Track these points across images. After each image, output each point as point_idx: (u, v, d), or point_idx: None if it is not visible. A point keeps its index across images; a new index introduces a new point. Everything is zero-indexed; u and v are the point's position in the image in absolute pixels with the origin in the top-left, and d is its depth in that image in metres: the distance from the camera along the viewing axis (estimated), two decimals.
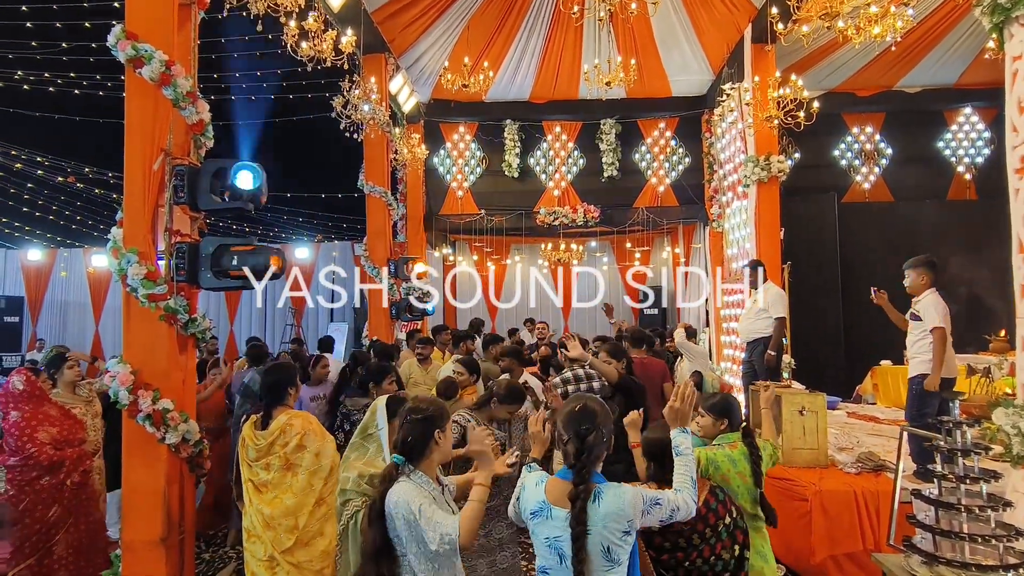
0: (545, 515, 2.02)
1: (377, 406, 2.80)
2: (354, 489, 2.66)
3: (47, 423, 3.69)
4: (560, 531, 1.97)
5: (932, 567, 2.48)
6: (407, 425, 2.23)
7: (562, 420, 2.11)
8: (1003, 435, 3.05)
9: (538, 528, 2.05)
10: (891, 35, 5.19)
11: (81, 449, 3.83)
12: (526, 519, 2.11)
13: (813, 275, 9.03)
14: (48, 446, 3.62)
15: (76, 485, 3.77)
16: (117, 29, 3.51)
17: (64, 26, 7.80)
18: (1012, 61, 3.22)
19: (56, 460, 3.64)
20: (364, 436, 2.78)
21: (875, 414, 7.10)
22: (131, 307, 3.49)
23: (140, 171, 3.49)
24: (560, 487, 2.04)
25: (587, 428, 2.04)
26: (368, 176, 8.15)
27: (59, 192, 11.95)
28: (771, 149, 7.71)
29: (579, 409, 2.10)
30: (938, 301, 4.28)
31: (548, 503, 2.04)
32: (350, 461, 2.74)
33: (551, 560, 2.00)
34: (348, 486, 2.69)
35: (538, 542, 2.05)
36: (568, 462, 2.06)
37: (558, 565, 1.98)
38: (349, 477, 2.69)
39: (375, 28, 8.06)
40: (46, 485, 3.62)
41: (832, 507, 4.04)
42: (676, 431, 2.35)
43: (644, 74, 9.46)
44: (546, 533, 2.02)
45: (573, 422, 2.07)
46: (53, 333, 14.97)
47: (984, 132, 10.45)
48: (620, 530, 1.97)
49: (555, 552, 1.98)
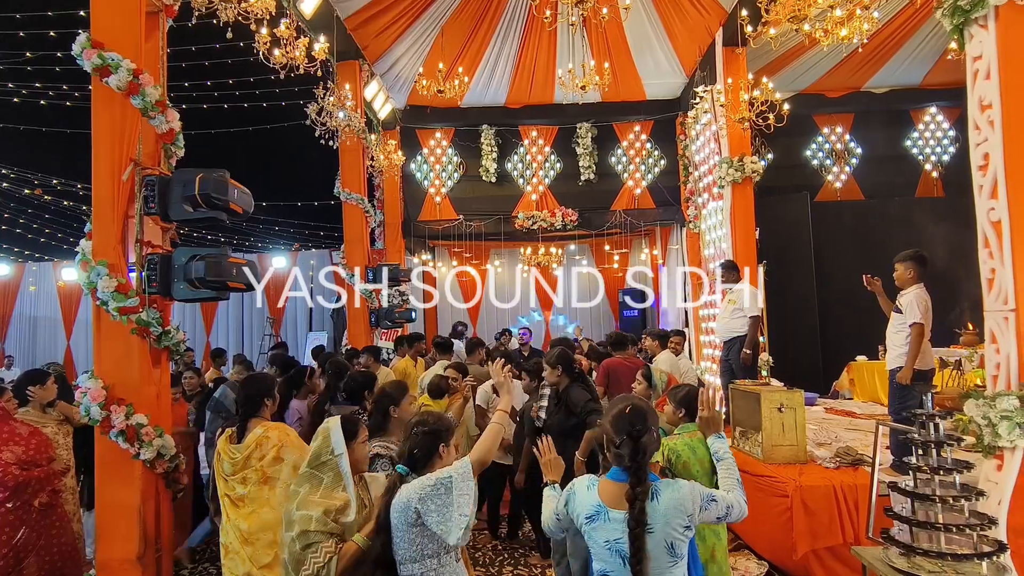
0: (603, 518, 2.00)
1: (330, 430, 2.41)
2: (320, 530, 2.25)
3: (12, 443, 3.57)
4: (620, 533, 1.96)
5: (910, 558, 2.52)
6: (415, 437, 2.29)
7: (612, 422, 2.09)
8: (975, 426, 3.12)
9: (595, 532, 2.02)
10: (858, 37, 5.30)
11: (49, 468, 3.70)
12: (580, 524, 2.08)
13: (788, 273, 9.18)
14: (13, 466, 3.49)
15: (45, 506, 3.64)
16: (82, 38, 3.45)
17: (28, 35, 7.63)
18: (972, 61, 3.31)
19: (22, 481, 3.53)
20: (316, 465, 2.37)
21: (852, 409, 7.22)
22: (102, 321, 3.42)
23: (109, 182, 3.42)
24: (614, 489, 2.03)
25: (640, 429, 2.03)
26: (344, 183, 8.10)
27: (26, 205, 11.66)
28: (744, 150, 7.83)
29: (630, 411, 2.08)
30: (921, 296, 4.36)
31: (605, 506, 2.02)
32: (304, 496, 2.32)
33: (613, 563, 1.98)
34: (312, 527, 2.25)
35: (596, 546, 2.03)
36: (622, 464, 2.03)
37: (621, 567, 1.96)
38: (311, 516, 2.25)
39: (348, 35, 8.02)
40: (12, 508, 3.50)
41: (812, 502, 4.09)
42: (712, 438, 2.49)
43: (618, 78, 9.56)
44: (605, 536, 1.99)
45: (625, 423, 2.04)
46: (23, 349, 14.58)
47: (949, 131, 10.74)
48: (682, 525, 1.99)
49: (616, 554, 1.97)
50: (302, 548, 2.24)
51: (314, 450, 2.40)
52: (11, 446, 3.54)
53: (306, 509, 2.29)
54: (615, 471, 2.06)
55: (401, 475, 2.22)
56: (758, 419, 4.62)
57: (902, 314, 4.43)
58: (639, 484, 1.95)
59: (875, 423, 3.24)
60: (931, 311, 4.38)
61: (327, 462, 2.37)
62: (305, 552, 2.23)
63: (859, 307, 8.89)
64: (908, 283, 4.47)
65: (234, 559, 2.76)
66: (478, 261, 13.03)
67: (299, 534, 2.25)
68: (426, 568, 2.11)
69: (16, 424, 3.68)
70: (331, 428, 2.41)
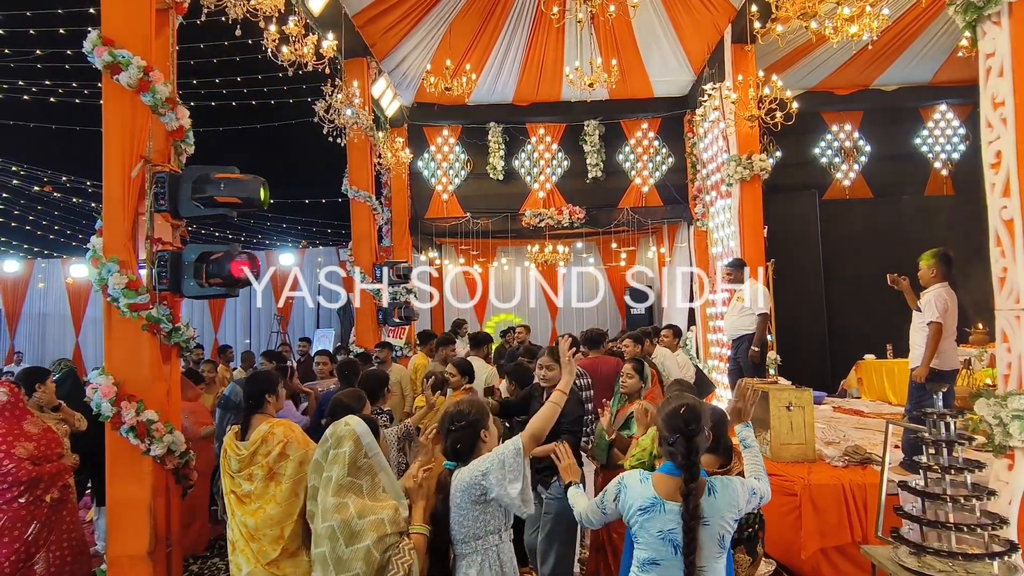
0: (658, 510, 2.10)
1: (359, 434, 2.29)
2: (394, 531, 2.17)
3: (24, 438, 3.59)
4: (674, 524, 2.07)
5: (920, 557, 2.51)
6: (454, 434, 2.36)
7: (666, 420, 2.17)
8: (985, 425, 3.10)
9: (649, 523, 2.11)
10: (868, 34, 5.27)
11: (60, 464, 3.73)
12: (630, 516, 2.16)
13: (796, 272, 9.14)
14: (26, 462, 3.52)
15: (56, 501, 3.67)
16: (93, 35, 3.46)
17: (38, 33, 7.67)
18: (985, 58, 3.28)
19: (34, 476, 3.55)
20: (354, 472, 2.26)
21: (860, 408, 7.19)
22: (112, 317, 3.43)
23: (119, 179, 3.44)
24: (669, 483, 2.12)
25: (694, 428, 2.11)
26: (352, 181, 8.11)
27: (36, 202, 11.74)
28: (753, 148, 7.79)
29: (684, 410, 2.15)
30: (941, 295, 4.32)
31: (660, 498, 2.11)
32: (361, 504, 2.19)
33: (664, 551, 2.09)
34: (388, 529, 2.15)
35: (648, 536, 2.11)
36: (676, 461, 2.12)
37: (672, 556, 2.07)
38: (383, 519, 2.16)
39: (356, 32, 8.02)
40: (24, 503, 3.53)
41: (821, 501, 4.08)
42: (740, 426, 2.57)
43: (626, 75, 9.53)
44: (659, 527, 2.09)
45: (680, 422, 2.12)
46: (32, 346, 14.71)
47: (959, 128, 10.65)
48: (732, 519, 2.14)
49: (669, 543, 2.08)
50: (382, 553, 2.14)
51: (348, 458, 2.26)
52: (23, 442, 3.56)
53: (373, 514, 2.18)
54: (668, 466, 2.16)
55: (449, 471, 2.32)
56: (766, 418, 4.61)
57: (923, 313, 4.40)
58: (692, 480, 2.06)
59: (885, 422, 3.22)
60: (954, 310, 4.33)
61: (363, 466, 2.29)
62: (386, 556, 2.15)
63: (868, 305, 8.89)
64: (931, 281, 4.44)
65: (241, 555, 2.77)
66: (485, 259, 13.03)
67: (376, 541, 2.13)
68: (488, 544, 2.23)
69: (28, 420, 3.71)
70: (360, 432, 2.31)
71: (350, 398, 3.08)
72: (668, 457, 2.16)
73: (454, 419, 2.38)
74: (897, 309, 5.11)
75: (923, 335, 4.36)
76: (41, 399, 4.03)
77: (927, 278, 4.46)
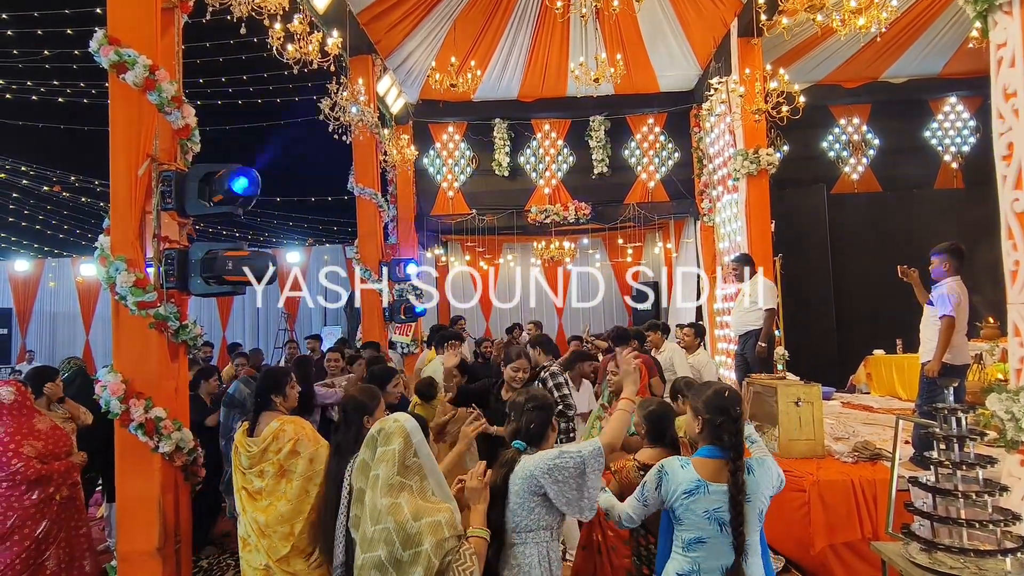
0: (703, 491, 2.22)
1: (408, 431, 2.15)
2: (452, 534, 2.05)
3: (32, 436, 3.61)
4: (719, 503, 2.20)
5: (931, 554, 2.49)
6: (529, 413, 2.43)
7: (708, 403, 2.30)
8: (997, 421, 3.07)
9: (695, 504, 2.22)
10: (876, 26, 5.22)
11: (68, 462, 3.75)
12: (674, 500, 2.26)
13: (804, 266, 9.07)
14: (35, 460, 3.54)
15: (65, 499, 3.70)
16: (99, 34, 3.47)
17: (46, 33, 7.71)
18: (996, 49, 3.24)
19: (43, 474, 3.58)
20: (403, 470, 2.12)
21: (869, 403, 7.14)
22: (120, 315, 3.45)
23: (126, 177, 3.45)
24: (710, 465, 2.26)
25: (738, 411, 2.27)
26: (358, 178, 8.12)
27: (45, 201, 11.83)
28: (759, 142, 7.74)
29: (728, 393, 2.32)
30: (954, 289, 4.28)
31: (704, 480, 2.24)
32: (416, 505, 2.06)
33: (711, 529, 2.21)
34: (446, 532, 2.03)
35: (694, 517, 2.23)
36: (720, 442, 2.25)
37: (718, 533, 2.21)
38: (439, 521, 2.03)
39: (361, 29, 8.02)
40: (35, 500, 3.56)
41: (830, 497, 4.05)
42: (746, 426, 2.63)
43: (632, 70, 9.48)
44: (705, 507, 2.22)
45: (725, 404, 2.27)
46: (43, 344, 14.82)
47: (970, 121, 10.54)
48: (769, 495, 2.29)
49: (715, 522, 2.21)
50: (441, 559, 2.01)
51: (397, 455, 2.13)
52: (31, 440, 3.59)
53: (428, 516, 2.05)
54: (706, 450, 2.30)
55: (519, 450, 2.37)
56: (774, 413, 4.58)
57: (935, 306, 4.37)
58: (739, 459, 2.21)
59: (895, 417, 3.20)
60: (966, 304, 4.29)
61: (411, 466, 2.17)
62: (446, 561, 2.02)
63: (876, 300, 8.82)
64: (943, 275, 4.40)
65: (252, 552, 2.79)
66: (491, 255, 13.02)
67: (435, 546, 1.99)
68: (539, 539, 2.25)
69: (36, 418, 3.74)
70: (410, 429, 2.18)
71: (364, 395, 2.94)
72: (712, 439, 2.28)
73: (531, 400, 2.46)
74: (906, 304, 5.07)
75: (934, 330, 4.32)
76: (50, 396, 4.07)
77: (939, 272, 4.42)
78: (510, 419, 2.51)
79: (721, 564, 2.21)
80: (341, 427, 2.82)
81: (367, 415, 2.81)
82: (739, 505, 2.18)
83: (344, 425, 2.80)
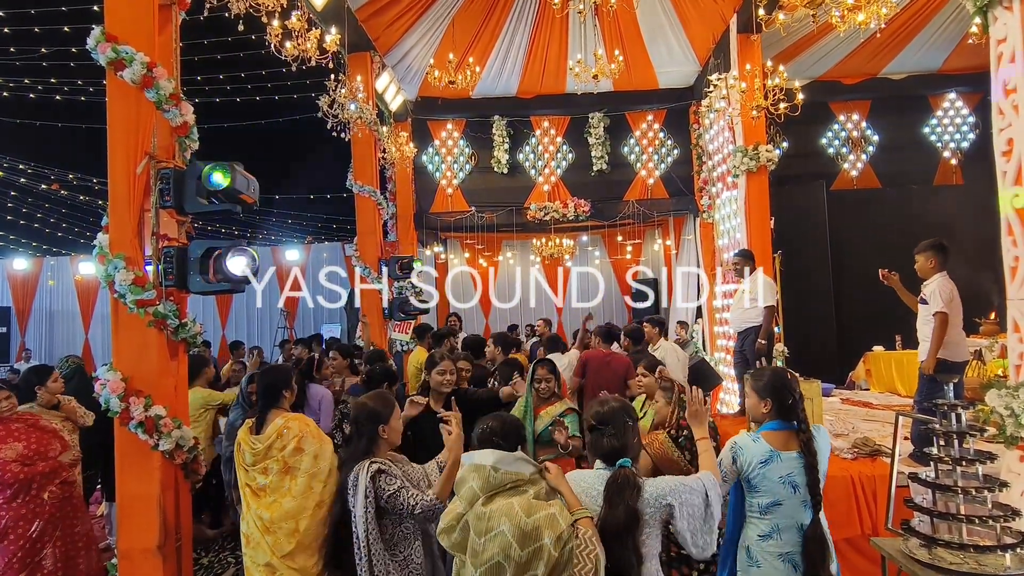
0: (775, 460, 2.51)
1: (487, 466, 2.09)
2: (567, 525, 2.00)
3: (11, 439, 3.59)
4: (792, 468, 2.49)
5: (930, 549, 2.49)
6: (630, 429, 2.26)
7: (777, 386, 2.60)
8: (997, 416, 3.07)
9: (770, 472, 2.50)
10: (875, 22, 5.21)
11: (55, 462, 3.70)
12: (752, 470, 2.52)
13: (804, 263, 9.07)
14: (13, 463, 3.52)
15: (56, 497, 3.67)
16: (97, 32, 3.46)
17: (42, 31, 7.69)
18: (996, 44, 3.23)
19: (23, 478, 3.55)
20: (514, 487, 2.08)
21: (869, 400, 7.15)
22: (120, 313, 3.44)
23: (124, 175, 3.43)
24: (777, 436, 2.56)
25: (798, 389, 2.61)
26: (357, 176, 8.10)
27: (43, 200, 11.82)
28: (759, 139, 7.73)
29: (790, 376, 2.66)
30: (944, 285, 4.28)
31: (775, 450, 2.53)
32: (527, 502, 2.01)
33: (785, 492, 2.49)
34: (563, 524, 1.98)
35: (769, 483, 2.49)
36: (796, 415, 2.56)
37: (792, 495, 2.48)
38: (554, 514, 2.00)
39: (359, 26, 7.99)
40: (22, 502, 3.54)
41: (830, 493, 4.03)
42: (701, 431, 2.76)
43: (631, 66, 9.46)
44: (779, 473, 2.50)
45: (792, 384, 2.60)
46: (42, 342, 14.82)
47: (969, 117, 10.54)
48: (826, 458, 2.63)
49: (789, 485, 2.49)
50: (561, 550, 1.95)
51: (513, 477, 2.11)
52: (11, 443, 3.56)
53: (542, 511, 1.99)
54: (773, 424, 2.59)
55: (630, 468, 2.20)
56: None
57: (928, 304, 4.36)
58: (808, 428, 2.54)
59: (895, 413, 3.20)
60: (958, 299, 4.29)
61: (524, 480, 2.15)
62: (567, 550, 1.96)
63: (876, 296, 8.75)
64: (930, 272, 4.39)
65: (256, 549, 2.79)
66: (490, 253, 13.01)
67: (555, 540, 1.93)
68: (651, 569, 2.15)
69: (15, 421, 3.69)
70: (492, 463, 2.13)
71: (378, 402, 2.77)
72: (780, 415, 2.57)
73: (624, 412, 2.29)
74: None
75: (931, 327, 4.32)
76: (43, 398, 4.02)
77: (926, 269, 4.42)
78: (603, 433, 2.28)
79: (798, 522, 2.47)
80: (353, 438, 2.71)
81: (381, 424, 2.69)
82: (813, 468, 2.45)
83: (356, 436, 2.69)
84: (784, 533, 2.48)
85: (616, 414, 2.27)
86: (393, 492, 2.56)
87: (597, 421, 2.28)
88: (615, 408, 2.30)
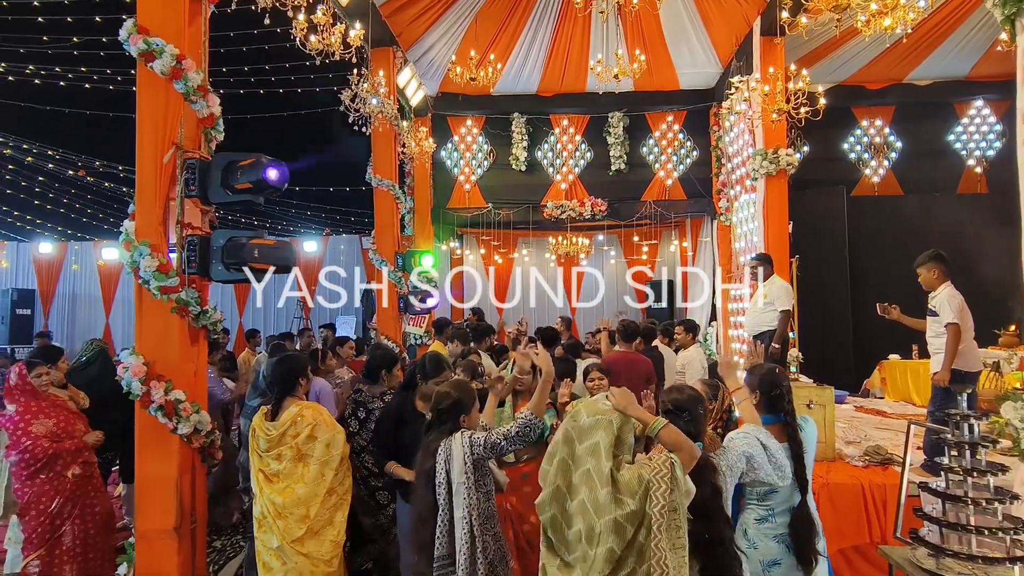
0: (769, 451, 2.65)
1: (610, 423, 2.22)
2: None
3: (41, 415, 3.70)
4: (783, 458, 2.63)
5: (939, 559, 2.49)
6: (697, 417, 2.48)
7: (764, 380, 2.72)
8: (1011, 429, 3.04)
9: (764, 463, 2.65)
10: (901, 27, 5.15)
11: (80, 441, 3.84)
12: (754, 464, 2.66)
13: (822, 269, 8.99)
14: (44, 439, 3.63)
15: (79, 477, 3.78)
16: (129, 23, 3.54)
17: (75, 21, 7.84)
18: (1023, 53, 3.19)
19: (52, 453, 3.66)
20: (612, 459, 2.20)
21: (883, 408, 7.08)
22: (143, 299, 3.53)
23: (152, 164, 3.52)
24: (771, 430, 2.68)
25: (787, 384, 2.74)
26: (376, 169, 8.17)
27: (70, 185, 12.04)
28: (779, 142, 7.67)
29: (778, 371, 2.79)
30: (953, 295, 4.23)
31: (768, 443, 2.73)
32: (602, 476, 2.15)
33: (778, 480, 2.61)
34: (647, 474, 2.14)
35: (767, 468, 2.59)
36: (783, 407, 2.69)
37: (784, 482, 2.62)
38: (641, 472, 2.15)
39: (383, 21, 8.06)
40: (46, 478, 3.65)
41: (840, 500, 4.04)
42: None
43: (652, 67, 9.43)
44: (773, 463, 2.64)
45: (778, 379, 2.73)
46: (63, 325, 15.10)
47: (996, 125, 10.35)
48: (813, 448, 2.83)
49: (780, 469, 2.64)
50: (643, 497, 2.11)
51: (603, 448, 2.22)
52: (41, 419, 3.68)
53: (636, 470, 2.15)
54: (767, 418, 2.71)
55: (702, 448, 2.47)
56: None
57: (938, 316, 4.32)
58: (794, 421, 2.70)
59: (907, 422, 3.19)
60: (967, 308, 4.25)
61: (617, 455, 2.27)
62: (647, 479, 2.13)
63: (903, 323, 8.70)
64: (935, 284, 4.35)
65: (267, 532, 2.86)
66: (505, 250, 13.03)
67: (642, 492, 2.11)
68: None
69: (44, 398, 3.81)
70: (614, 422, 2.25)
71: (462, 391, 2.76)
72: (769, 409, 2.71)
73: (695, 402, 2.50)
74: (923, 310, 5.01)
75: (942, 339, 4.28)
76: (53, 378, 4.12)
77: (930, 281, 4.37)
78: (680, 418, 2.43)
79: (789, 505, 2.64)
80: (434, 425, 2.70)
81: (463, 414, 2.70)
82: (800, 457, 2.62)
83: (438, 424, 2.68)
84: (779, 516, 2.65)
85: (693, 401, 2.52)
86: (486, 438, 2.61)
87: (675, 407, 2.49)
88: (693, 396, 2.54)
